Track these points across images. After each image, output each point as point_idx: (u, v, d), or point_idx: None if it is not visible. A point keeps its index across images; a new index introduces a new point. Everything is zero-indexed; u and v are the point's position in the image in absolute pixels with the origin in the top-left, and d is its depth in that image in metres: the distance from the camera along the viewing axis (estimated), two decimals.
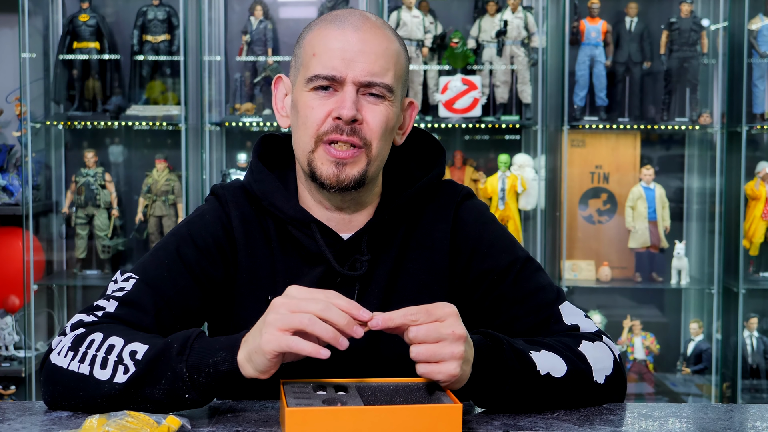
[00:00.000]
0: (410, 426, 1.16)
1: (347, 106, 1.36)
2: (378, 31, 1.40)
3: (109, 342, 1.28)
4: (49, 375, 1.30)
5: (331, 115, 1.37)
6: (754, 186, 3.82)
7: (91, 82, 3.86)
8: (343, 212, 1.46)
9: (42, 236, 3.92)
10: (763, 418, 1.33)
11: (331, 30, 1.39)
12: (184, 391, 1.23)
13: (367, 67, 1.37)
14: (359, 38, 1.38)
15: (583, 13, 3.89)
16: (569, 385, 1.34)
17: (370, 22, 1.41)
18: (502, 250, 1.48)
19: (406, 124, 1.50)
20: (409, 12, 3.76)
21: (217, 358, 1.23)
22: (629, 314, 3.98)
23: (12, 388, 3.83)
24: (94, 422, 1.17)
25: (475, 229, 1.49)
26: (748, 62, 3.80)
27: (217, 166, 3.92)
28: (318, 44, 1.40)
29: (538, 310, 1.45)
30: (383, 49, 1.39)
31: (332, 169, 1.38)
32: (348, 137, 1.37)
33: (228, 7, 3.99)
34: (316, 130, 1.38)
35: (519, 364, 1.30)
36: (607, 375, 1.38)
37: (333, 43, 1.38)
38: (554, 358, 1.34)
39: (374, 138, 1.39)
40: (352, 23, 1.39)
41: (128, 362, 1.25)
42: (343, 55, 1.37)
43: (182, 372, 1.23)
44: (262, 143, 1.52)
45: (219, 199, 1.50)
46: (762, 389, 3.87)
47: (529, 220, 3.92)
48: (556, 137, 3.89)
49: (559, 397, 1.34)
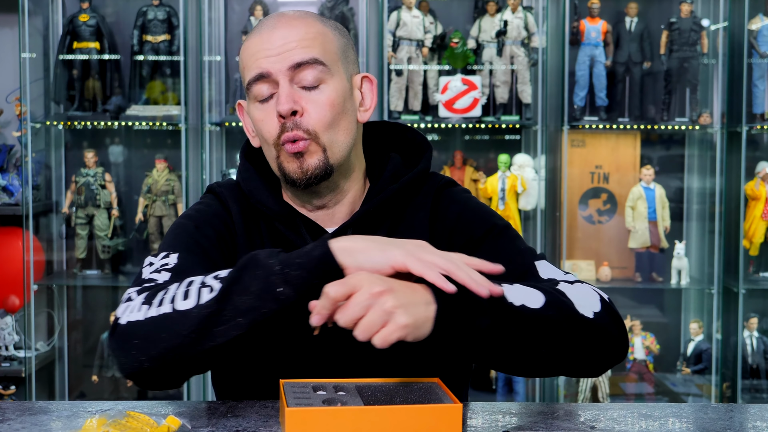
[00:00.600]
0: (410, 426, 1.16)
1: (282, 101, 1.38)
2: (295, 21, 1.42)
3: (186, 281, 1.24)
4: (123, 335, 1.22)
5: (276, 117, 1.40)
6: (754, 186, 3.82)
7: (91, 82, 3.86)
8: (325, 209, 1.48)
9: (42, 236, 3.92)
10: (763, 418, 1.33)
11: (252, 39, 1.44)
12: (276, 285, 1.18)
13: (288, 54, 1.39)
14: (278, 35, 1.41)
15: (583, 13, 3.89)
16: (550, 318, 1.24)
17: (286, 17, 1.44)
18: (478, 221, 1.47)
19: (369, 100, 1.49)
20: (409, 12, 3.76)
21: (307, 248, 1.21)
22: (629, 314, 3.99)
23: (12, 388, 3.83)
24: (94, 422, 1.17)
25: (452, 210, 1.50)
26: (748, 62, 3.80)
27: (217, 166, 3.92)
28: (245, 56, 1.44)
29: (515, 271, 1.39)
30: (303, 33, 1.41)
31: (295, 164, 1.40)
32: (293, 132, 1.39)
33: (228, 7, 3.99)
34: (272, 139, 1.41)
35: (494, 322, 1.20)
36: (595, 311, 1.29)
37: (254, 48, 1.42)
38: (527, 290, 1.26)
39: (319, 126, 1.40)
40: (269, 24, 1.43)
41: (212, 283, 1.21)
42: (265, 53, 1.40)
43: (274, 266, 1.19)
44: (248, 144, 1.54)
45: (218, 196, 1.51)
46: (762, 389, 3.87)
47: (529, 220, 3.92)
48: (556, 137, 3.89)
49: (543, 332, 1.23)
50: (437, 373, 1.35)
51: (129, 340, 1.21)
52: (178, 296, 1.21)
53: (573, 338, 1.26)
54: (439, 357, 1.44)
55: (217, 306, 1.19)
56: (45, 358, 3.92)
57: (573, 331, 1.26)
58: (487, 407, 1.36)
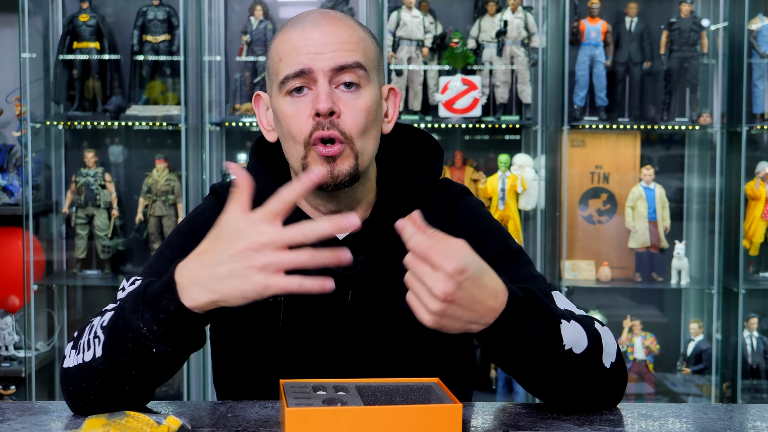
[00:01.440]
0: (410, 426, 1.16)
1: (322, 99, 1.35)
2: (338, 22, 1.41)
3: (89, 326, 1.28)
4: (63, 381, 1.29)
5: (310, 115, 1.37)
6: (754, 186, 3.82)
7: (91, 82, 3.86)
8: (338, 213, 1.45)
9: (42, 236, 3.92)
10: (763, 418, 1.33)
11: (292, 32, 1.40)
12: (150, 348, 1.19)
13: (332, 54, 1.37)
14: (321, 32, 1.38)
15: (583, 13, 3.89)
16: (584, 364, 1.28)
17: (329, 15, 1.42)
18: (494, 241, 1.47)
19: (391, 111, 1.49)
20: (409, 12, 3.76)
21: (164, 301, 1.18)
22: (629, 314, 3.99)
23: (12, 388, 3.83)
24: (94, 422, 1.17)
25: (467, 224, 1.49)
26: (748, 62, 3.80)
27: (217, 166, 3.92)
28: (282, 48, 1.40)
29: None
30: (347, 36, 1.39)
31: (325, 167, 1.37)
32: (329, 131, 1.36)
33: (228, 7, 3.99)
34: (302, 136, 1.37)
35: (545, 335, 1.23)
36: (612, 361, 1.33)
37: (295, 42, 1.38)
38: (580, 332, 1.28)
39: (354, 131, 1.37)
40: (311, 20, 1.40)
41: (100, 334, 1.24)
42: (307, 50, 1.37)
43: (141, 328, 1.19)
44: (258, 144, 1.53)
45: (219, 198, 1.49)
46: (762, 389, 3.87)
47: (529, 220, 3.92)
48: (556, 137, 3.89)
49: (571, 374, 1.28)
50: (441, 375, 1.34)
51: (66, 386, 1.28)
52: (85, 345, 1.26)
53: (588, 382, 1.30)
54: (440, 358, 1.45)
55: (108, 363, 1.22)
56: (45, 358, 3.92)
57: (591, 378, 1.30)
58: (487, 407, 1.36)
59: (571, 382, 1.29)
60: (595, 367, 1.30)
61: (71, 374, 1.27)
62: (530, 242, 3.89)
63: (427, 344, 1.43)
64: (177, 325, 1.18)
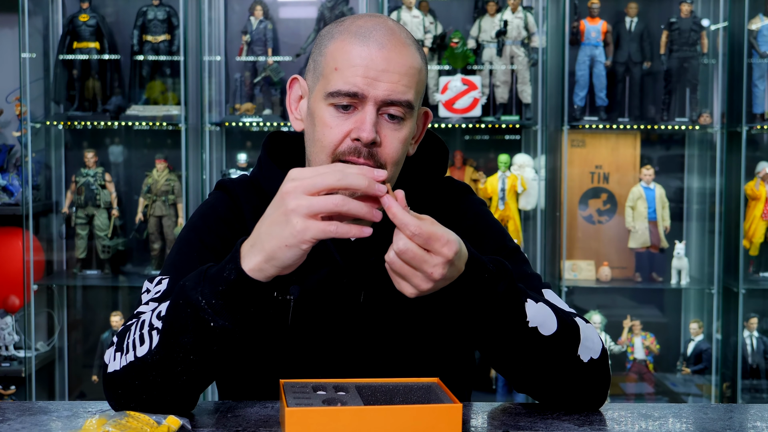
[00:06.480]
0: (410, 426, 1.16)
1: (367, 129, 1.33)
2: (403, 48, 1.36)
3: (140, 320, 1.27)
4: (109, 384, 1.28)
5: (349, 135, 1.34)
6: (754, 186, 3.82)
7: (91, 82, 3.86)
8: None
9: (42, 236, 3.92)
10: (763, 418, 1.33)
11: (355, 45, 1.35)
12: (207, 321, 1.18)
13: (389, 87, 1.34)
14: (384, 57, 1.34)
15: (583, 13, 3.89)
16: (553, 349, 1.28)
17: (396, 37, 1.37)
18: (491, 238, 1.48)
19: (419, 132, 1.48)
20: (409, 12, 3.76)
21: (225, 272, 1.18)
22: (629, 314, 3.99)
23: (12, 388, 3.83)
24: (94, 422, 1.17)
25: (467, 221, 1.49)
26: (748, 62, 3.80)
27: (217, 166, 3.92)
28: (341, 58, 1.35)
29: None
30: (407, 68, 1.35)
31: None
32: (365, 160, 1.34)
33: (228, 7, 3.99)
34: (333, 150, 1.35)
35: (508, 306, 1.25)
36: (592, 357, 1.33)
37: (356, 60, 1.34)
38: (547, 313, 1.29)
39: (389, 161, 1.36)
40: (377, 40, 1.35)
41: (156, 323, 1.23)
42: (366, 73, 1.33)
43: (200, 301, 1.18)
44: (270, 139, 1.51)
45: (229, 193, 1.48)
46: (762, 389, 3.87)
47: (529, 220, 3.92)
48: (556, 137, 3.89)
49: (539, 356, 1.29)
50: (439, 374, 1.34)
51: (115, 389, 1.27)
52: (136, 341, 1.25)
53: (558, 371, 1.31)
54: (440, 356, 1.45)
55: (165, 351, 1.21)
56: (45, 358, 3.92)
57: (562, 367, 1.31)
58: (487, 407, 1.36)
59: (540, 366, 1.29)
60: (567, 355, 1.30)
61: (119, 377, 1.25)
62: (530, 242, 3.89)
63: (427, 344, 1.43)
64: (236, 296, 1.18)
